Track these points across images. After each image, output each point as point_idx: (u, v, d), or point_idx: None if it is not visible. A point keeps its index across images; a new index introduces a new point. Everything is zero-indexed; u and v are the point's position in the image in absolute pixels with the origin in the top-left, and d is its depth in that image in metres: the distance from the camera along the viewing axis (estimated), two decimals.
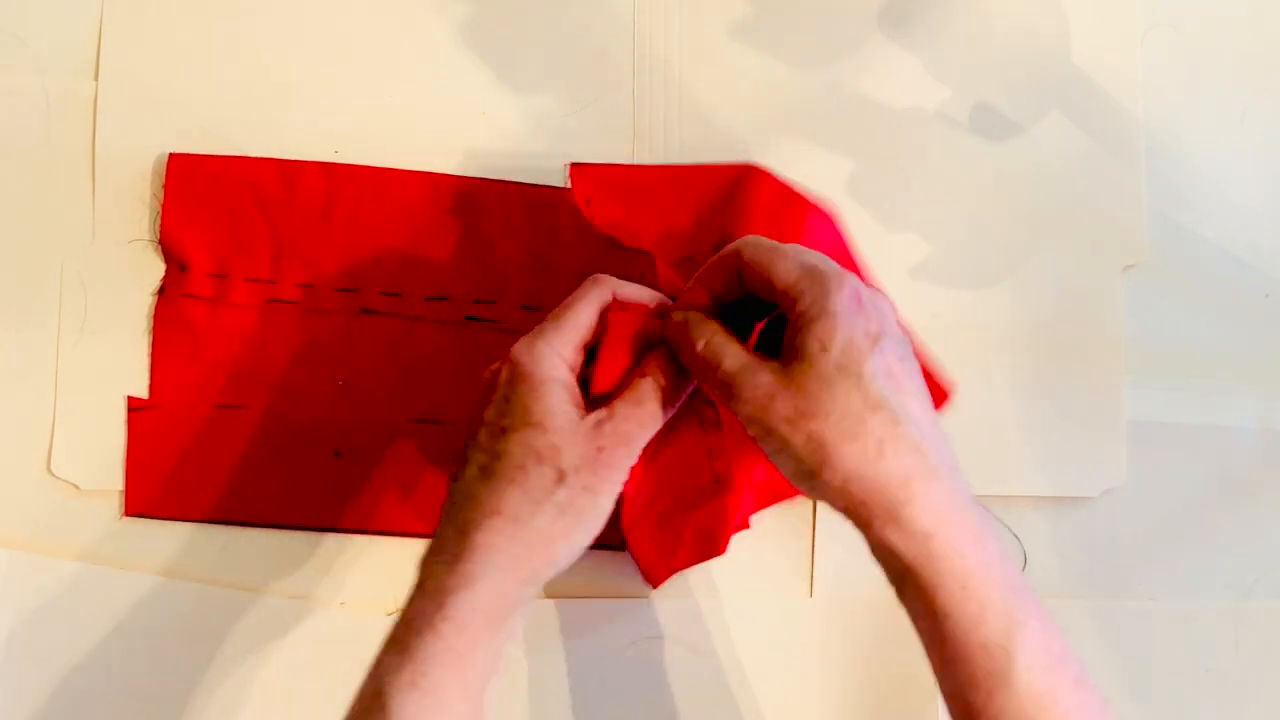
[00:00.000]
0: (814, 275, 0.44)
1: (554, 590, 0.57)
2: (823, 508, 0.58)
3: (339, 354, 0.58)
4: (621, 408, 0.46)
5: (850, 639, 0.57)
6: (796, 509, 0.58)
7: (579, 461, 0.44)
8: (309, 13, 0.59)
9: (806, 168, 0.59)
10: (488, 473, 0.45)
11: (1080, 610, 0.58)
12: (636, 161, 0.59)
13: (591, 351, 0.48)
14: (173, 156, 0.57)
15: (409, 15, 0.60)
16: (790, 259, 0.44)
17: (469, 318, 0.58)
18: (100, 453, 0.57)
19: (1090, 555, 0.57)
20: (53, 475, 0.57)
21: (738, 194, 0.56)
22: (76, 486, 0.57)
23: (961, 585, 0.41)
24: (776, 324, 0.47)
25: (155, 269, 0.58)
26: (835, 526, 0.58)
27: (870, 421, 0.41)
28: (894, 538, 0.41)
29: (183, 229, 0.57)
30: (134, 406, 0.57)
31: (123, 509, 0.57)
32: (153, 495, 0.57)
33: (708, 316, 0.46)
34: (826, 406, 0.42)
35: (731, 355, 0.44)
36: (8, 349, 0.57)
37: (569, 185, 0.58)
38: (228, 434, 0.57)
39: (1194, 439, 0.59)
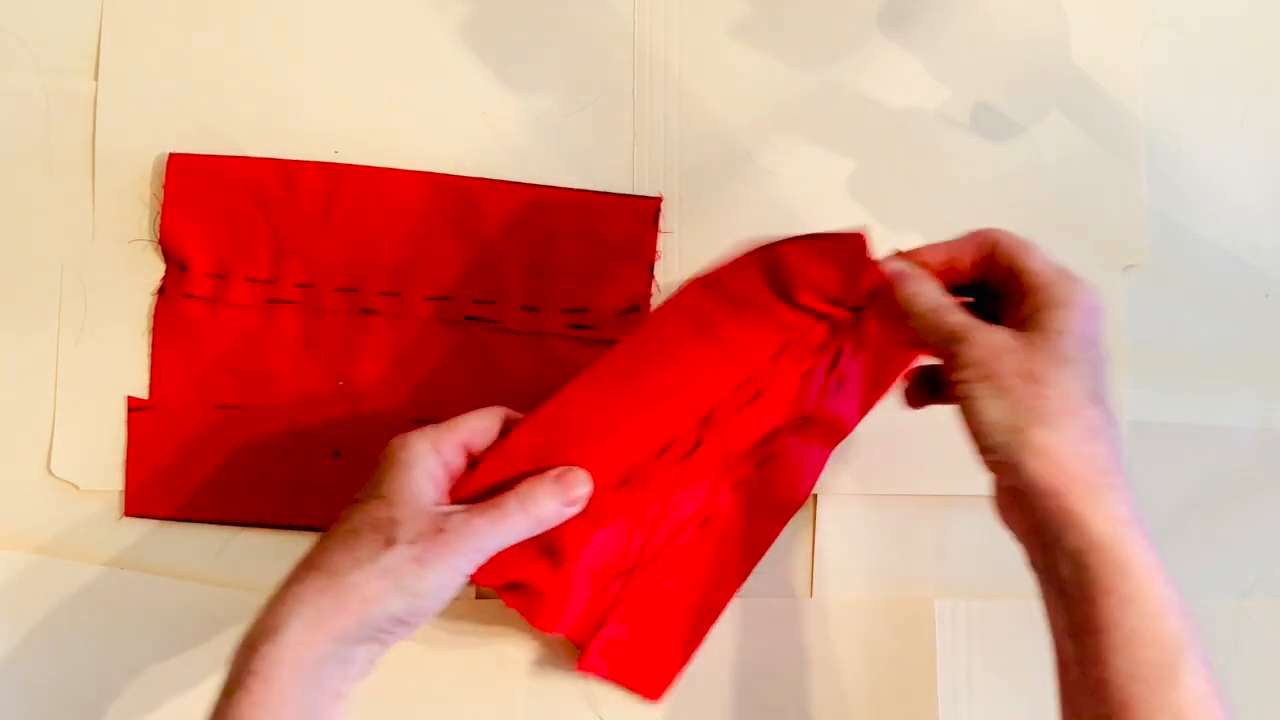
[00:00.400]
0: (1066, 273, 0.45)
1: None
2: (823, 507, 0.58)
3: (339, 354, 0.58)
4: (478, 507, 0.47)
5: (850, 639, 0.57)
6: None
7: (415, 536, 0.45)
8: (309, 13, 0.59)
9: (806, 168, 0.60)
10: (326, 537, 0.46)
11: None
12: (637, 162, 0.59)
13: None
14: (173, 156, 0.58)
15: (409, 15, 0.60)
16: (1045, 256, 0.46)
17: (469, 317, 0.58)
18: (100, 453, 0.57)
19: None
20: (53, 475, 0.57)
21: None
22: (76, 486, 0.57)
23: (1149, 577, 0.41)
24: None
25: (155, 269, 0.58)
26: (835, 526, 0.58)
27: (1090, 409, 0.43)
28: (1090, 513, 0.42)
29: (183, 229, 0.57)
30: (134, 407, 0.57)
31: (122, 509, 0.57)
32: (152, 495, 0.57)
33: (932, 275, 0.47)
34: (1057, 378, 0.43)
35: (960, 311, 0.46)
36: (8, 349, 0.57)
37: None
38: (228, 434, 0.57)
39: (1194, 439, 0.59)
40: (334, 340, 0.58)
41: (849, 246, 0.48)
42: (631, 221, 0.59)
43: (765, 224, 0.59)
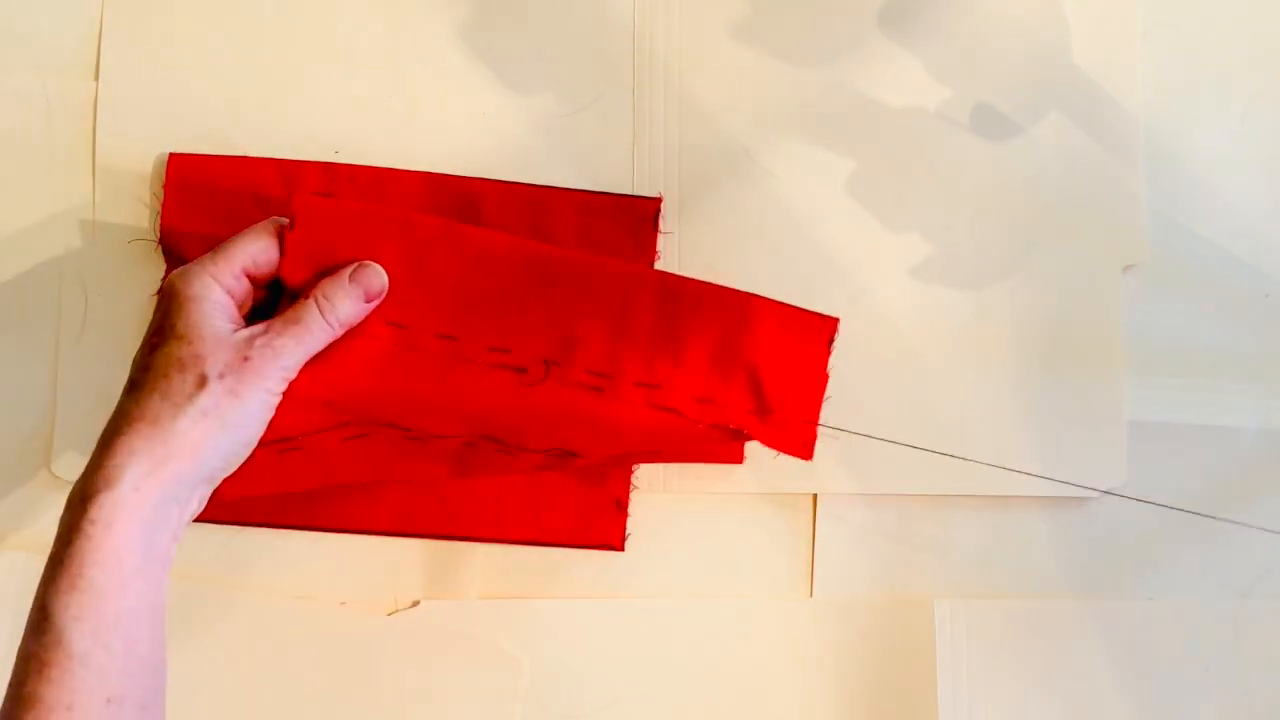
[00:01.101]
0: None
1: (552, 590, 0.57)
2: (822, 508, 0.58)
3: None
4: (277, 324, 0.48)
5: (850, 639, 0.57)
6: (797, 509, 0.58)
7: (223, 369, 0.46)
8: (309, 13, 0.59)
9: (806, 168, 0.60)
10: (134, 385, 0.46)
11: (1080, 610, 0.58)
12: (637, 162, 0.59)
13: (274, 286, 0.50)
14: (173, 156, 0.58)
15: (409, 15, 0.60)
16: None
17: None
18: None
19: (1090, 555, 0.57)
20: (53, 475, 0.57)
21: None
22: None
23: None
24: None
25: (155, 269, 0.58)
26: (835, 526, 0.58)
27: None
28: None
29: (183, 228, 0.57)
30: None
31: None
32: None
33: None
34: None
35: None
36: (8, 349, 0.57)
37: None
38: None
39: (1194, 439, 0.59)
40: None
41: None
42: (631, 221, 0.59)
43: (765, 224, 0.59)
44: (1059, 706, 0.57)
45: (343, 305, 0.50)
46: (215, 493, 0.49)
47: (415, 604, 0.57)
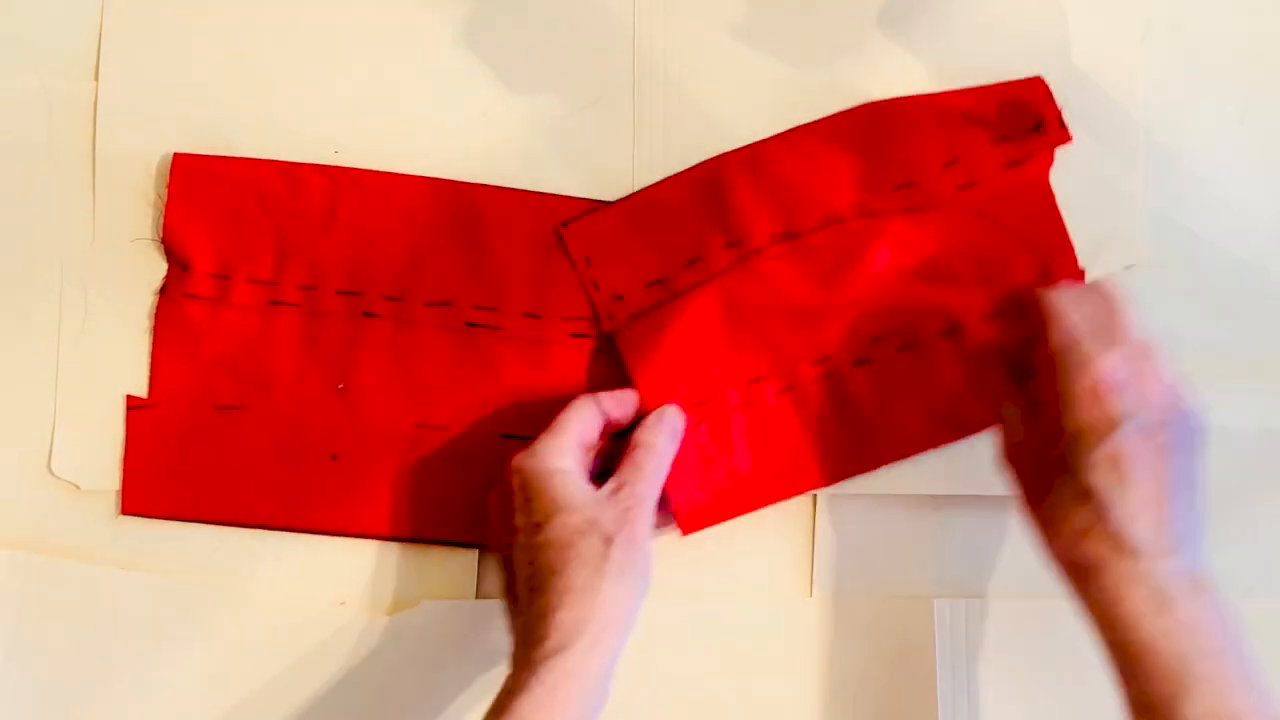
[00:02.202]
0: (1072, 349, 0.48)
1: None
2: (822, 508, 0.58)
3: (339, 357, 0.57)
4: (628, 473, 0.52)
5: (850, 639, 0.57)
6: (796, 508, 0.58)
7: (615, 526, 0.49)
8: (309, 13, 0.59)
9: None
10: (542, 566, 0.49)
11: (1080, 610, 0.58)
12: (637, 162, 0.59)
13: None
14: (177, 156, 0.58)
15: (409, 15, 0.60)
16: (1064, 321, 0.49)
17: (470, 324, 0.58)
18: (101, 453, 0.57)
19: None
20: (53, 475, 0.57)
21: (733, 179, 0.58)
22: (77, 486, 0.57)
23: (1136, 656, 0.44)
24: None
25: (157, 268, 0.58)
26: (835, 526, 0.58)
27: (1075, 513, 0.46)
28: (1088, 601, 0.46)
29: (185, 229, 0.57)
30: (133, 405, 0.57)
31: (115, 506, 0.57)
32: (149, 495, 0.57)
33: (1021, 418, 0.51)
34: (1046, 494, 0.47)
35: (1015, 429, 0.51)
36: (8, 348, 0.57)
37: (565, 245, 0.58)
38: (226, 435, 0.57)
39: None
40: (334, 343, 0.58)
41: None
42: None
43: None
44: (1059, 706, 0.57)
45: (659, 443, 0.54)
46: None
47: (415, 604, 0.57)
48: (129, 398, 0.57)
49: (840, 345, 0.57)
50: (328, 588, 0.57)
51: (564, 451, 0.52)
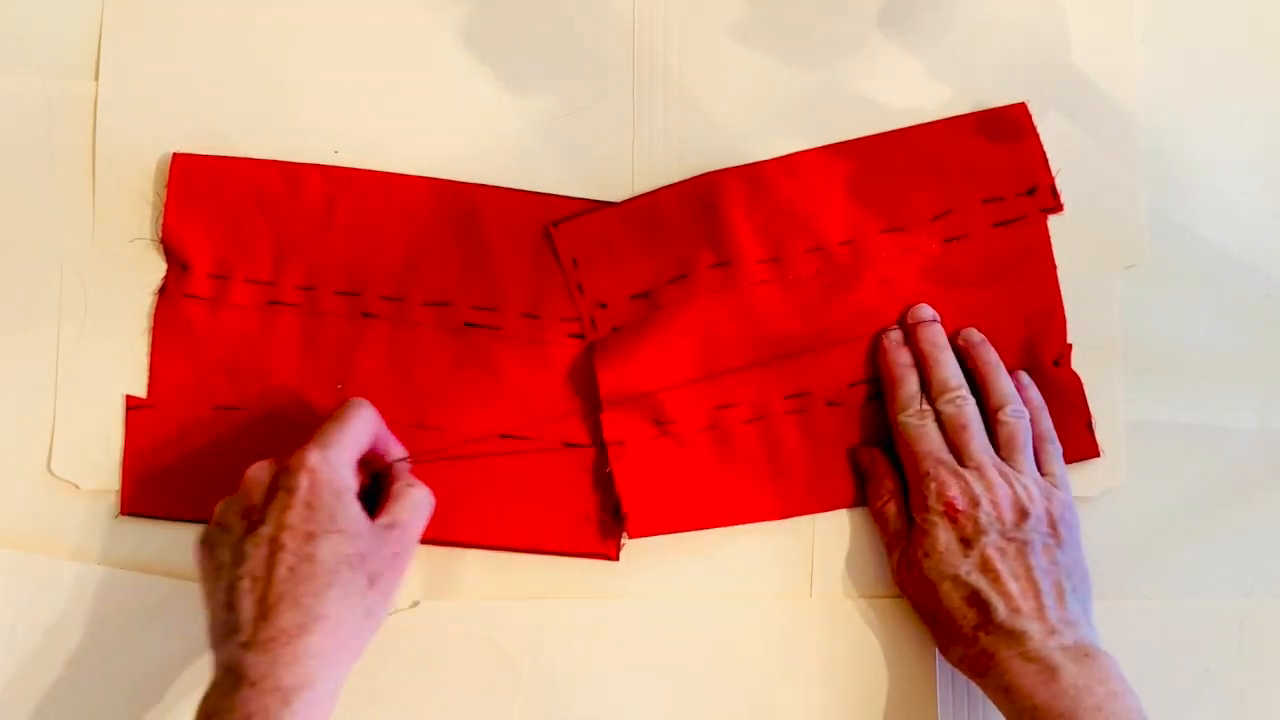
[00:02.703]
0: (924, 479, 0.54)
1: (552, 591, 0.57)
2: None
3: (338, 357, 0.57)
4: (403, 513, 0.52)
5: (850, 639, 0.57)
6: None
7: (382, 567, 0.50)
8: (309, 13, 0.59)
9: None
10: (302, 576, 0.48)
11: None
12: (637, 162, 0.59)
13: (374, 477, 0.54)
14: (176, 156, 0.58)
15: (409, 15, 0.60)
16: (920, 453, 0.55)
17: (469, 324, 0.58)
18: (100, 452, 0.57)
19: (1090, 555, 0.57)
20: (53, 475, 0.57)
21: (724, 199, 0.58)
22: (76, 486, 0.57)
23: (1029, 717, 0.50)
24: None
25: (156, 268, 0.58)
26: (835, 527, 0.58)
27: (966, 614, 0.52)
28: (988, 683, 0.52)
29: (185, 229, 0.57)
30: (132, 405, 0.57)
31: (115, 506, 0.57)
32: (148, 495, 0.57)
33: (889, 469, 0.57)
34: (931, 600, 0.53)
35: (893, 524, 0.56)
36: (8, 348, 0.57)
37: (554, 244, 0.58)
38: (225, 435, 0.57)
39: (1194, 439, 0.59)
40: (333, 343, 0.57)
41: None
42: None
43: None
44: None
45: (428, 498, 0.53)
46: None
47: (415, 604, 0.57)
48: (128, 397, 0.57)
49: (817, 383, 0.58)
50: None
51: (351, 465, 0.51)
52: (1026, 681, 0.49)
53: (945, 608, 0.52)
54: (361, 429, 0.52)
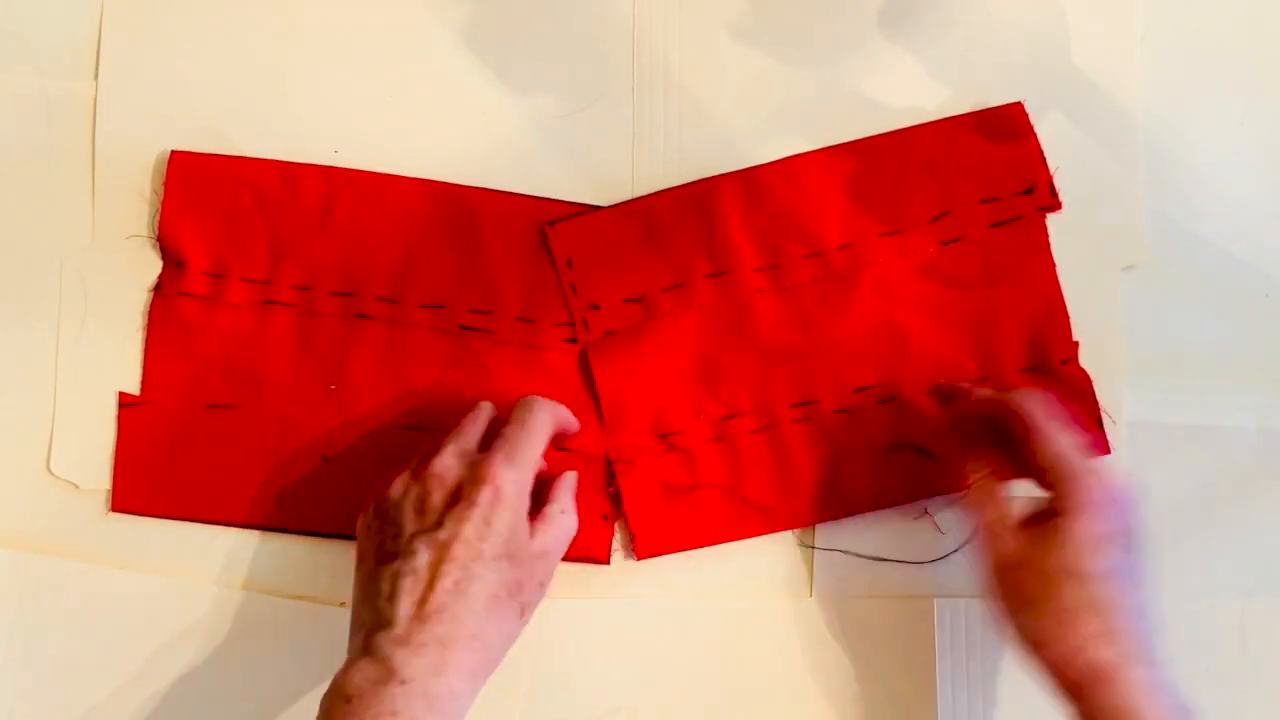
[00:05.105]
0: (1067, 468, 0.50)
1: (552, 591, 0.57)
2: None
3: (332, 358, 0.57)
4: (552, 543, 0.51)
5: (850, 639, 0.57)
6: None
7: (531, 596, 0.50)
8: (309, 13, 0.59)
9: None
10: (464, 592, 0.48)
11: None
12: (637, 162, 0.59)
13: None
14: (174, 154, 0.58)
15: (409, 15, 0.60)
16: (1054, 441, 0.50)
17: (464, 327, 0.58)
18: (100, 451, 0.57)
19: None
20: (52, 474, 0.57)
21: (720, 203, 0.58)
22: (76, 485, 0.57)
23: None
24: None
25: (153, 266, 0.58)
26: (835, 527, 0.58)
27: (1082, 618, 0.48)
28: (1096, 713, 0.47)
29: (181, 226, 0.57)
30: (125, 402, 0.57)
31: (109, 505, 0.57)
32: (139, 492, 0.57)
33: (999, 492, 0.52)
34: (1049, 602, 0.49)
35: (1006, 541, 0.51)
36: (7, 348, 0.57)
37: (549, 244, 0.58)
38: (217, 434, 0.57)
39: (1194, 439, 0.59)
40: (327, 344, 0.57)
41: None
42: None
43: None
44: (1058, 706, 0.57)
45: (572, 507, 0.53)
46: None
47: None
48: (121, 394, 0.57)
49: (824, 391, 0.58)
50: (327, 588, 0.57)
51: (530, 484, 0.51)
52: (1156, 715, 0.47)
53: (1056, 604, 0.49)
54: (544, 439, 0.52)
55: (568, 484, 0.53)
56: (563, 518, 0.52)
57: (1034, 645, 0.49)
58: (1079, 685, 0.47)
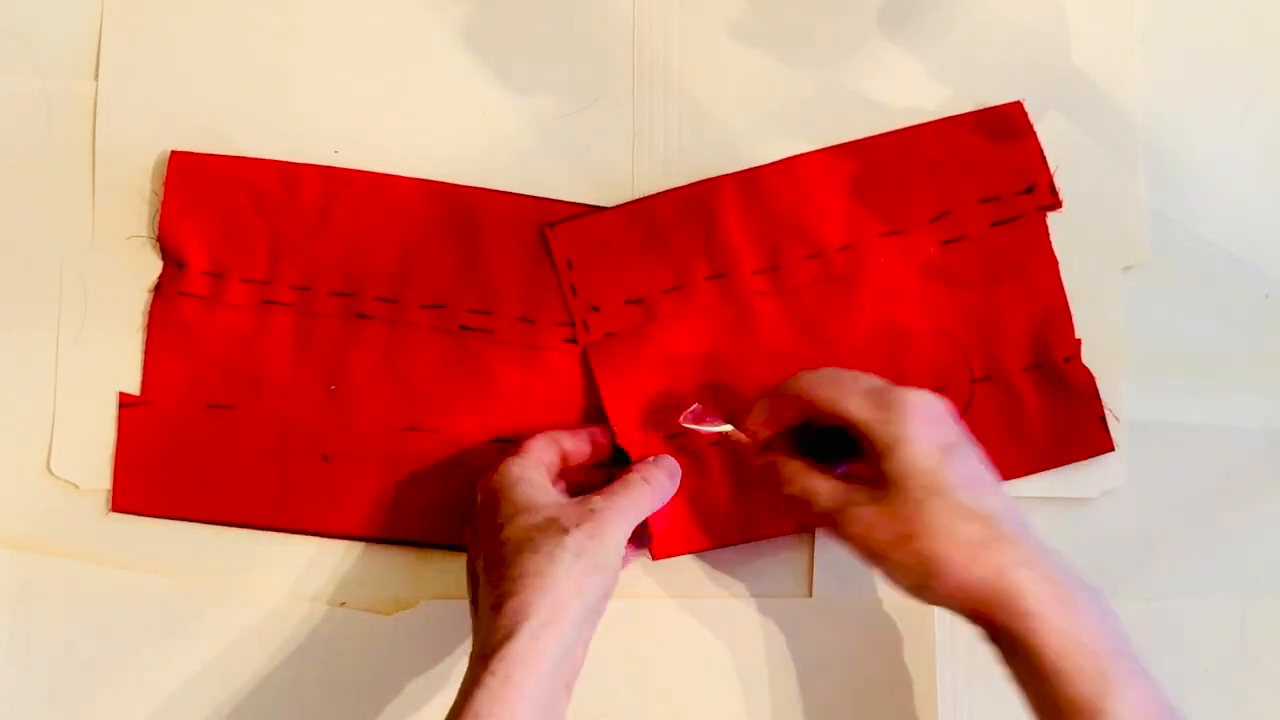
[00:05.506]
0: (881, 403, 0.49)
1: None
2: None
3: (332, 358, 0.57)
4: (608, 487, 0.52)
5: (850, 639, 0.57)
6: None
7: (576, 521, 0.49)
8: (309, 12, 0.59)
9: None
10: (497, 561, 0.48)
11: None
12: (637, 162, 0.59)
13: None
14: (174, 154, 0.58)
15: (409, 15, 0.60)
16: (854, 393, 0.50)
17: (463, 327, 0.58)
18: (100, 452, 0.57)
19: (1090, 556, 0.57)
20: (52, 475, 0.57)
21: (723, 205, 0.58)
22: (76, 486, 0.57)
23: (1057, 653, 0.45)
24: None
25: (153, 267, 0.58)
26: None
27: (963, 530, 0.47)
28: (1001, 620, 0.46)
29: (181, 227, 0.57)
30: (125, 403, 0.57)
31: (109, 505, 0.57)
32: (140, 492, 0.57)
33: (790, 453, 0.52)
34: (924, 526, 0.47)
35: (824, 492, 0.50)
36: (7, 348, 0.57)
37: (549, 245, 0.58)
38: (217, 434, 0.57)
39: (1194, 439, 0.59)
40: (327, 344, 0.57)
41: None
42: None
43: None
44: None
45: (658, 477, 0.54)
46: None
47: (415, 604, 0.57)
48: (121, 395, 0.57)
49: None
50: (327, 588, 0.57)
51: (526, 466, 0.52)
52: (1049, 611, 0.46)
53: (934, 523, 0.48)
54: (534, 444, 0.54)
55: (654, 458, 0.55)
56: (629, 475, 0.53)
57: (929, 582, 0.47)
58: (987, 602, 0.46)
